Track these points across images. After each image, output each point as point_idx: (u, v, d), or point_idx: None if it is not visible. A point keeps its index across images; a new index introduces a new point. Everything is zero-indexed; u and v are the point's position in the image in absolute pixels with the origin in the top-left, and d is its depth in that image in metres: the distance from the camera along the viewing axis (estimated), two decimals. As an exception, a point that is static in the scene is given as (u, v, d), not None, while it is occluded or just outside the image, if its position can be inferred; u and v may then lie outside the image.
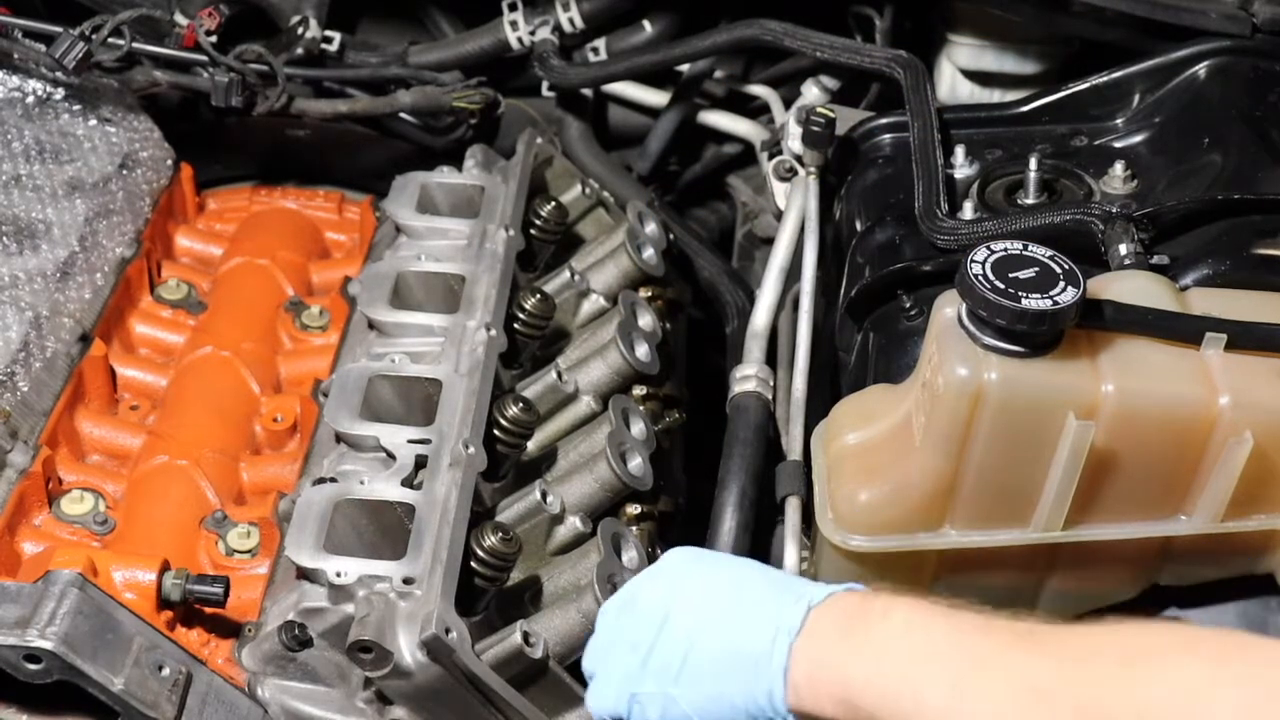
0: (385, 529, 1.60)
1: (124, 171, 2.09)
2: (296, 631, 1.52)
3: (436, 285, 1.92)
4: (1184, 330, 1.46)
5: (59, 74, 2.09)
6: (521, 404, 1.73)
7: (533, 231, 2.04)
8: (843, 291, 1.84)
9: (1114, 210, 1.66)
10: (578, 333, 2.00)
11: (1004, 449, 1.45)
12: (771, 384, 1.87)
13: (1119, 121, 1.89)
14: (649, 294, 2.04)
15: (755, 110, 2.51)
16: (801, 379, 1.83)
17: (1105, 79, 1.90)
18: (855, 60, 2.04)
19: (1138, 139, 1.86)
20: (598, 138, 2.48)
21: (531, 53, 2.38)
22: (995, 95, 2.23)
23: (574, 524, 1.72)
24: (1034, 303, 1.37)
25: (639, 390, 1.90)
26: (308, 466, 1.78)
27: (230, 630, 1.62)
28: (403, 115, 2.37)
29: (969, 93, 2.25)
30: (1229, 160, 1.72)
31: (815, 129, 1.91)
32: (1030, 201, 1.77)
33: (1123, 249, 1.61)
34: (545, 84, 2.47)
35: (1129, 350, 1.45)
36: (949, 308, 1.47)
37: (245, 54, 2.17)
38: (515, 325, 1.88)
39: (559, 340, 1.99)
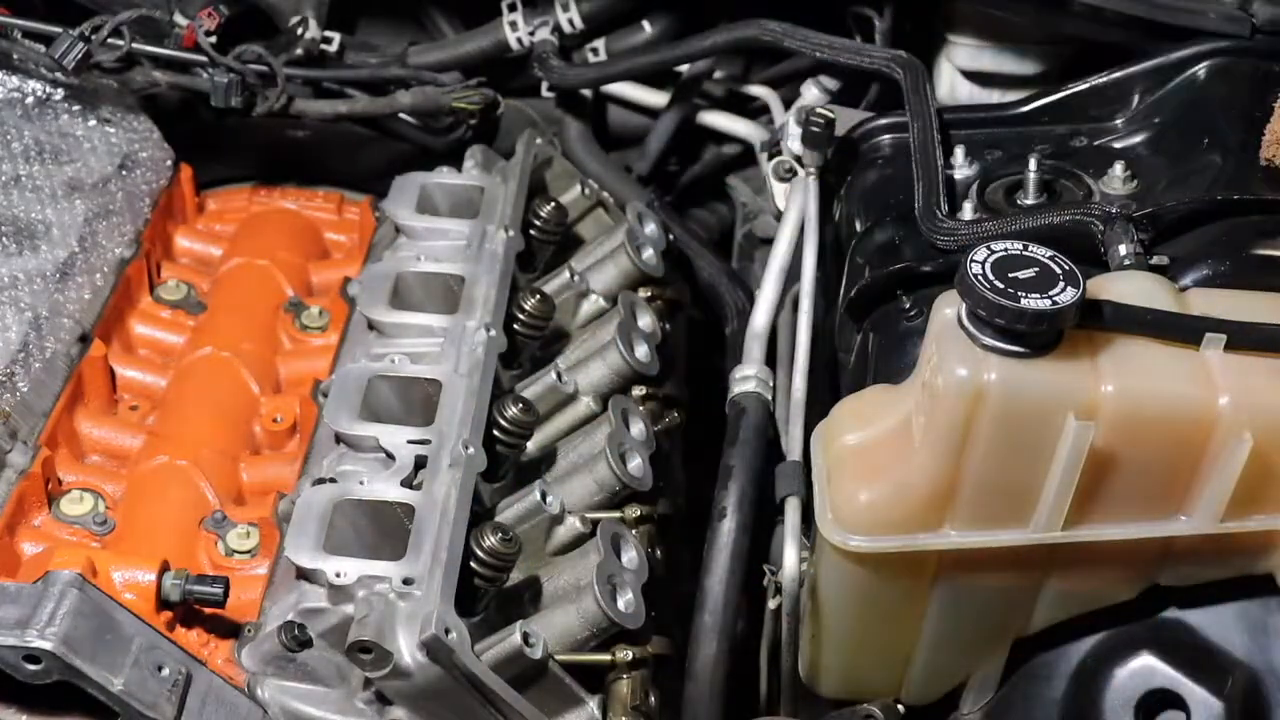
0: (385, 529, 1.60)
1: (123, 172, 2.09)
2: (296, 632, 1.52)
3: (436, 286, 1.92)
4: (1184, 330, 1.46)
5: (59, 74, 2.09)
6: (521, 404, 1.73)
7: (532, 232, 2.04)
8: (843, 292, 1.84)
9: (1114, 210, 1.66)
10: (577, 333, 2.00)
11: (1004, 449, 1.45)
12: (771, 384, 1.87)
13: (1119, 122, 1.89)
14: (649, 294, 2.04)
15: (755, 111, 2.51)
16: (801, 379, 1.83)
17: (1105, 79, 1.90)
18: (855, 60, 2.04)
19: (1138, 139, 1.86)
20: (597, 138, 2.48)
21: (531, 53, 2.38)
22: (995, 95, 2.23)
23: (574, 524, 1.72)
24: (1034, 303, 1.37)
25: (639, 390, 1.90)
26: (307, 467, 1.78)
27: (230, 630, 1.62)
28: (402, 116, 2.37)
29: (969, 93, 2.25)
30: (1229, 160, 1.72)
31: (815, 129, 1.90)
32: (1030, 202, 1.77)
33: (1122, 249, 1.61)
34: (545, 84, 2.47)
35: (1129, 350, 1.45)
36: (949, 308, 1.47)
37: (245, 54, 2.17)
38: (515, 326, 1.89)
39: (559, 340, 1.99)
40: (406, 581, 1.49)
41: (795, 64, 2.44)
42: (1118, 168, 1.77)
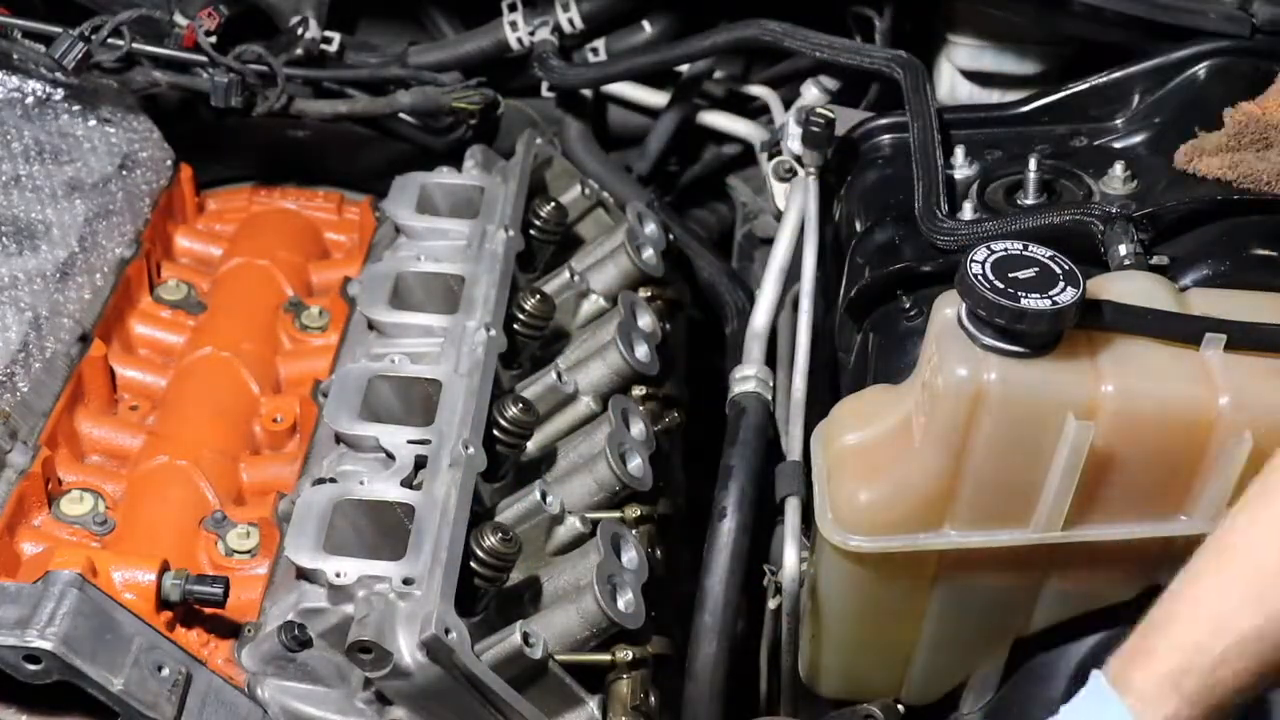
0: (385, 529, 1.60)
1: (123, 172, 2.09)
2: (296, 632, 1.52)
3: (436, 286, 1.92)
4: (1184, 330, 1.46)
5: (59, 74, 2.09)
6: (521, 404, 1.73)
7: (532, 232, 2.04)
8: (842, 292, 1.84)
9: (1114, 210, 1.66)
10: (577, 333, 2.00)
11: (1004, 449, 1.45)
12: (771, 384, 1.87)
13: (1119, 122, 1.89)
14: (649, 294, 2.04)
15: (755, 110, 2.51)
16: (801, 379, 1.83)
17: (1105, 79, 1.90)
18: (855, 60, 2.04)
19: (1138, 139, 1.86)
20: (597, 138, 2.47)
21: (531, 53, 2.38)
22: (995, 95, 2.23)
23: (574, 524, 1.72)
24: (1034, 303, 1.37)
25: (639, 390, 1.90)
26: (307, 467, 1.78)
27: (230, 630, 1.61)
28: (402, 116, 2.37)
29: (969, 93, 2.25)
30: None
31: (815, 129, 1.90)
32: (1030, 202, 1.77)
33: (1122, 249, 1.61)
34: (545, 84, 2.47)
35: (1129, 350, 1.45)
36: (949, 308, 1.47)
37: (245, 54, 2.17)
38: (515, 325, 1.88)
39: (559, 340, 1.99)
40: (406, 581, 1.49)
41: (795, 64, 2.44)
42: (1118, 168, 1.77)
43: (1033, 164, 1.77)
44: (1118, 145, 1.87)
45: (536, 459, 1.82)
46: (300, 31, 2.31)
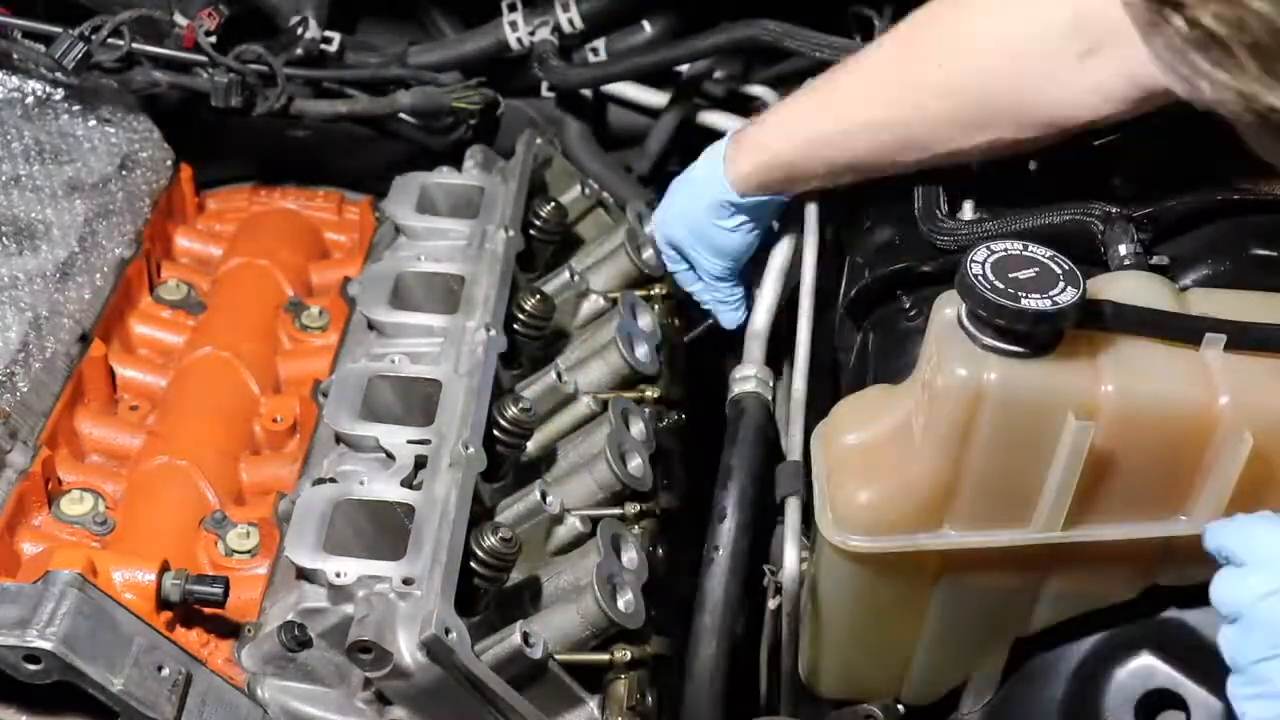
0: (385, 529, 1.60)
1: (123, 172, 2.09)
2: (296, 632, 1.52)
3: (436, 286, 1.93)
4: (1184, 330, 1.46)
5: (59, 74, 2.09)
6: (521, 404, 1.73)
7: (532, 232, 2.04)
8: (842, 292, 1.84)
9: (1114, 211, 1.66)
10: (578, 333, 2.00)
11: (1004, 449, 1.45)
12: (771, 384, 1.87)
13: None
14: (649, 294, 2.04)
15: (755, 111, 2.51)
16: (801, 379, 1.83)
17: (1105, 79, 1.90)
18: (855, 60, 2.03)
19: (1138, 139, 1.86)
20: (597, 138, 2.47)
21: (531, 53, 2.38)
22: (995, 95, 2.22)
23: (574, 524, 1.72)
24: (1034, 303, 1.37)
25: (639, 390, 1.90)
26: (307, 467, 1.78)
27: (230, 630, 1.62)
28: (402, 116, 2.37)
29: (969, 93, 2.25)
30: (1229, 160, 1.72)
31: (815, 129, 1.90)
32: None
33: (1122, 249, 1.61)
34: (545, 84, 2.47)
35: (1129, 350, 1.45)
36: (949, 308, 1.46)
37: (245, 54, 2.17)
38: (515, 325, 1.89)
39: (559, 340, 1.99)
40: (406, 581, 1.49)
41: (795, 64, 2.44)
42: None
43: (1033, 164, 1.77)
44: (1118, 145, 1.86)
45: (536, 459, 1.82)
46: (300, 31, 2.31)
